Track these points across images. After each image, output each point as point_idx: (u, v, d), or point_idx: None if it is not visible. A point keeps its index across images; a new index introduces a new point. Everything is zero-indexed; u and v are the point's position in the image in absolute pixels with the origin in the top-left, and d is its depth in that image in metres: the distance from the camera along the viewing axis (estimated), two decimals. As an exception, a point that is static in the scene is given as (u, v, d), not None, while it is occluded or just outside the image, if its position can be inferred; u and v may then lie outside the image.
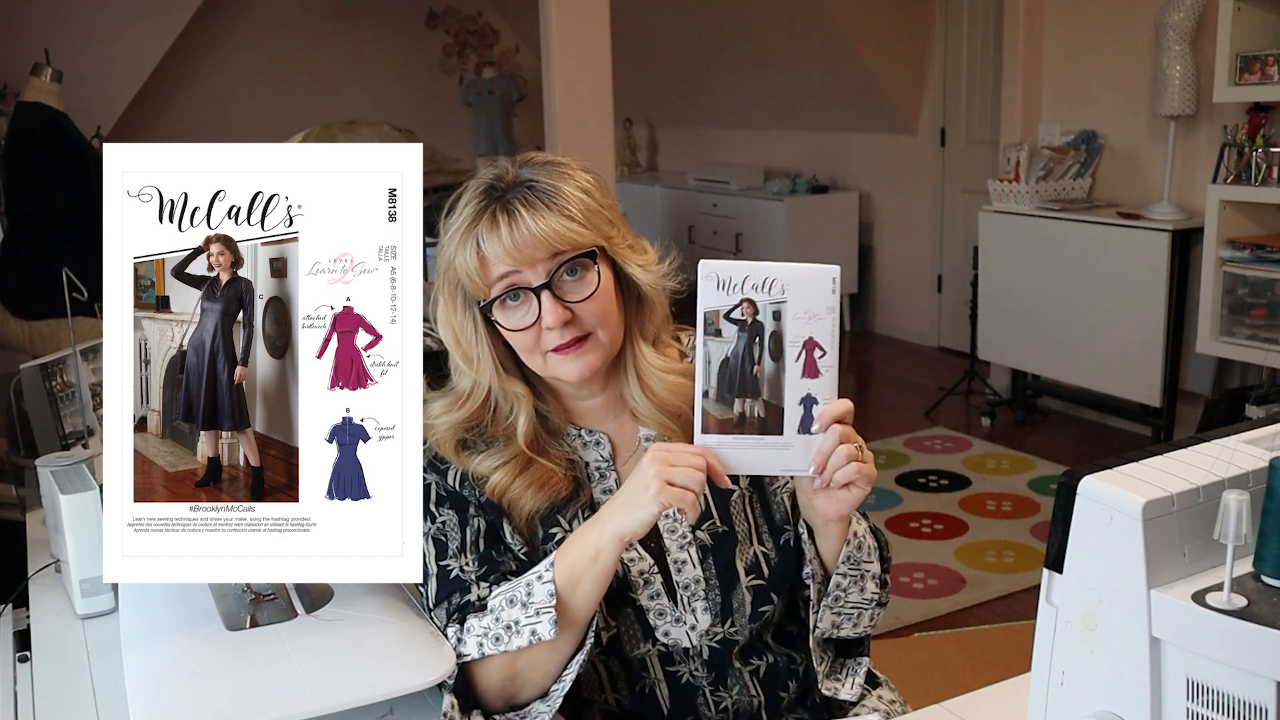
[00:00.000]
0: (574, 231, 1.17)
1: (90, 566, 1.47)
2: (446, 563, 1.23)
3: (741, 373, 1.11)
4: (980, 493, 4.05)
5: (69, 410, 2.06)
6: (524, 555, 1.24)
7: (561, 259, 1.18)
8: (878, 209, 6.43)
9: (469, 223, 1.18)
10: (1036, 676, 1.00)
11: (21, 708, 1.28)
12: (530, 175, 1.20)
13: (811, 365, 1.11)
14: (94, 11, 6.46)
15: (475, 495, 1.24)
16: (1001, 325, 4.81)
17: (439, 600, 1.22)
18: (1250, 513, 0.86)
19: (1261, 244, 3.72)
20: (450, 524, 1.24)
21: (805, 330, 1.11)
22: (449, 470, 1.25)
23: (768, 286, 1.10)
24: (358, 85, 8.12)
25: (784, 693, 1.29)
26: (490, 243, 1.17)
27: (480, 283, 1.18)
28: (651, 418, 1.27)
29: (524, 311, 1.19)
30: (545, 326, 1.18)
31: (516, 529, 1.24)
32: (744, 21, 6.26)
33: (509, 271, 1.17)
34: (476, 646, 1.17)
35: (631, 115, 8.08)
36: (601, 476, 1.28)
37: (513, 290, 1.18)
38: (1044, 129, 4.89)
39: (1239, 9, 3.63)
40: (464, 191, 1.22)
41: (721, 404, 1.11)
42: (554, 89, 4.27)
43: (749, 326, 1.10)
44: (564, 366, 1.21)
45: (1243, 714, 0.85)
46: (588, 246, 1.19)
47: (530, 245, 1.16)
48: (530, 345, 1.20)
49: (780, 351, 1.11)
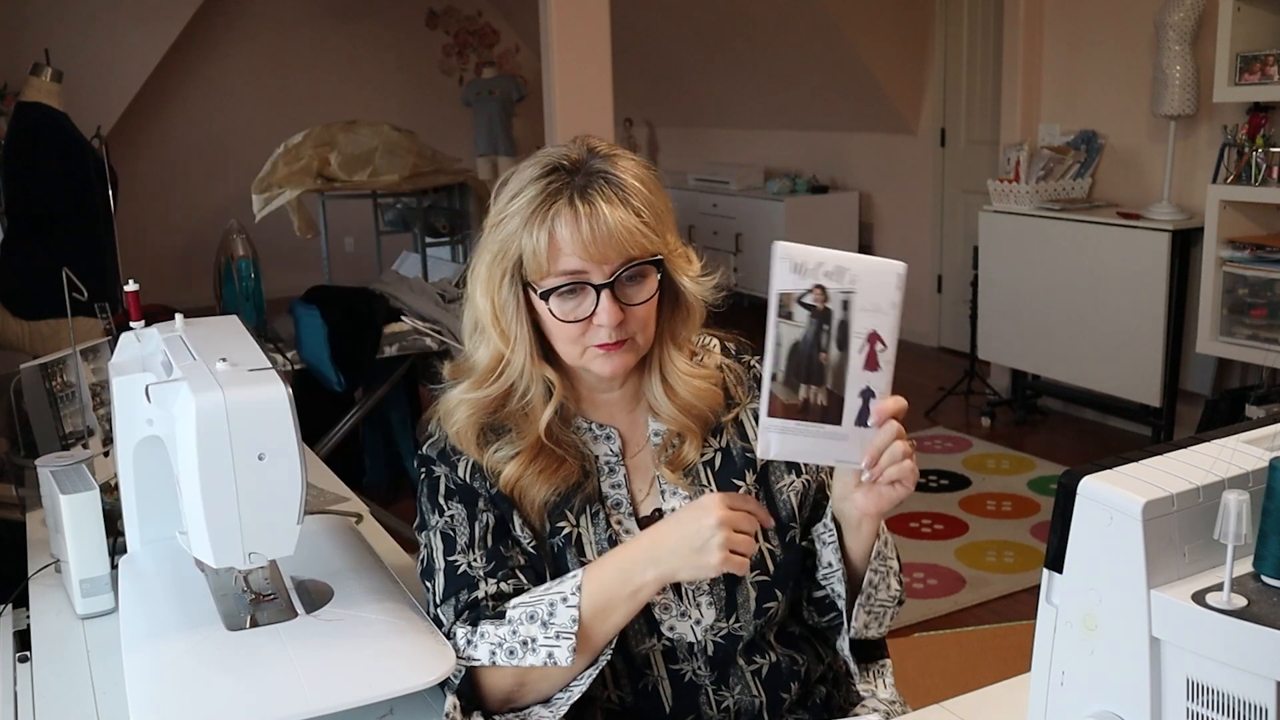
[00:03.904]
0: (646, 236, 1.17)
1: (90, 566, 1.47)
2: (454, 558, 1.22)
3: (810, 359, 1.09)
4: (980, 493, 4.05)
5: (69, 410, 2.06)
6: (532, 548, 1.24)
7: (629, 262, 1.17)
8: (878, 209, 6.43)
9: (541, 201, 1.16)
10: (1036, 676, 1.00)
11: (21, 708, 1.28)
12: (603, 166, 1.18)
13: (873, 358, 1.11)
14: (94, 11, 6.47)
15: (486, 488, 1.24)
16: (1001, 325, 4.81)
17: (446, 596, 1.21)
18: (1250, 513, 0.86)
19: (1261, 244, 3.72)
20: (459, 518, 1.23)
21: (870, 322, 1.10)
22: (460, 462, 1.24)
23: (838, 275, 1.08)
24: (358, 85, 8.12)
25: (785, 694, 1.29)
26: (567, 230, 1.15)
27: (545, 266, 1.17)
28: (671, 416, 1.27)
29: (577, 303, 1.18)
30: (597, 324, 1.18)
31: (526, 520, 1.24)
32: (744, 22, 6.26)
33: (578, 266, 1.16)
34: (489, 655, 1.16)
35: (631, 115, 8.08)
36: (610, 471, 1.28)
37: (574, 283, 1.17)
38: (1044, 129, 4.89)
39: (1239, 9, 3.63)
40: (525, 167, 1.20)
41: (788, 388, 1.10)
42: (554, 89, 4.27)
43: (819, 313, 1.09)
44: (599, 362, 1.21)
45: (1243, 714, 0.85)
46: (655, 254, 1.19)
47: (606, 243, 1.15)
48: (574, 337, 1.20)
49: (846, 341, 1.10)
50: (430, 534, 1.25)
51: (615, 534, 1.25)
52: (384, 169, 6.19)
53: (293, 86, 7.93)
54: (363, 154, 6.16)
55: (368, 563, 1.44)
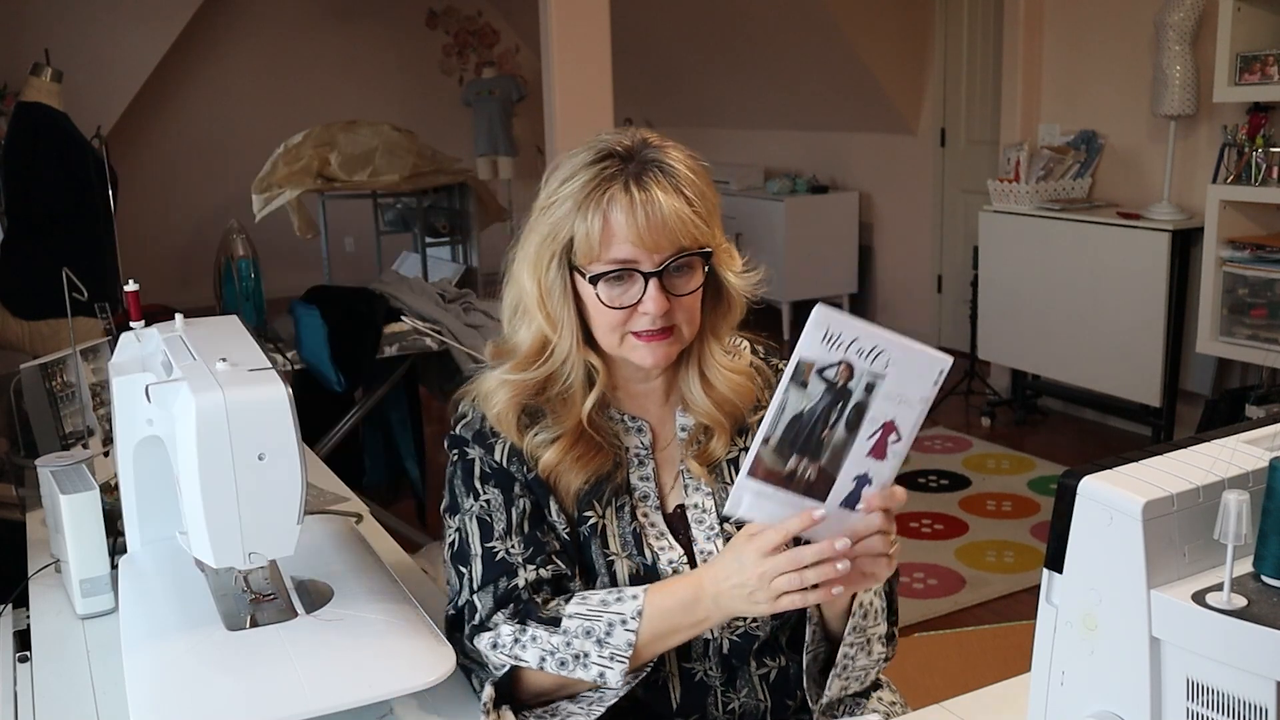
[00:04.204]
0: (697, 227, 1.17)
1: (90, 566, 1.47)
2: (492, 544, 1.20)
3: (811, 432, 1.03)
4: (980, 493, 4.05)
5: (69, 410, 2.06)
6: (566, 534, 1.23)
7: (679, 252, 1.17)
8: (878, 209, 6.43)
9: (596, 186, 1.16)
10: (1036, 676, 1.00)
11: (21, 708, 1.28)
12: (656, 155, 1.19)
13: (881, 447, 1.05)
14: (94, 11, 6.47)
15: (523, 472, 1.23)
16: (1001, 325, 4.81)
17: (485, 583, 1.19)
18: (1250, 513, 0.86)
19: (1261, 244, 3.71)
20: (495, 503, 1.22)
21: (891, 411, 1.03)
22: (496, 444, 1.23)
23: (873, 356, 1.01)
24: (358, 85, 8.12)
25: (790, 700, 1.29)
26: (623, 215, 1.15)
27: (596, 250, 1.16)
28: (704, 411, 1.27)
29: (623, 290, 1.18)
30: (642, 311, 1.18)
31: (561, 507, 1.23)
32: (744, 21, 6.26)
33: (629, 254, 1.16)
34: (538, 660, 1.16)
35: (631, 115, 8.07)
36: (640, 463, 1.28)
37: (624, 269, 1.17)
38: (1044, 129, 4.89)
39: (1239, 9, 3.63)
40: (579, 151, 1.20)
41: (778, 455, 1.04)
42: (554, 89, 4.27)
43: (837, 390, 1.02)
44: (641, 351, 1.20)
45: (1243, 714, 0.85)
46: (706, 246, 1.19)
47: (659, 230, 1.15)
48: (617, 324, 1.19)
49: (857, 423, 1.03)
50: (464, 518, 1.23)
51: (640, 527, 1.24)
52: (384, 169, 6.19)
53: (293, 86, 7.93)
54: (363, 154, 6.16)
55: (368, 563, 1.44)
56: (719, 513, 1.26)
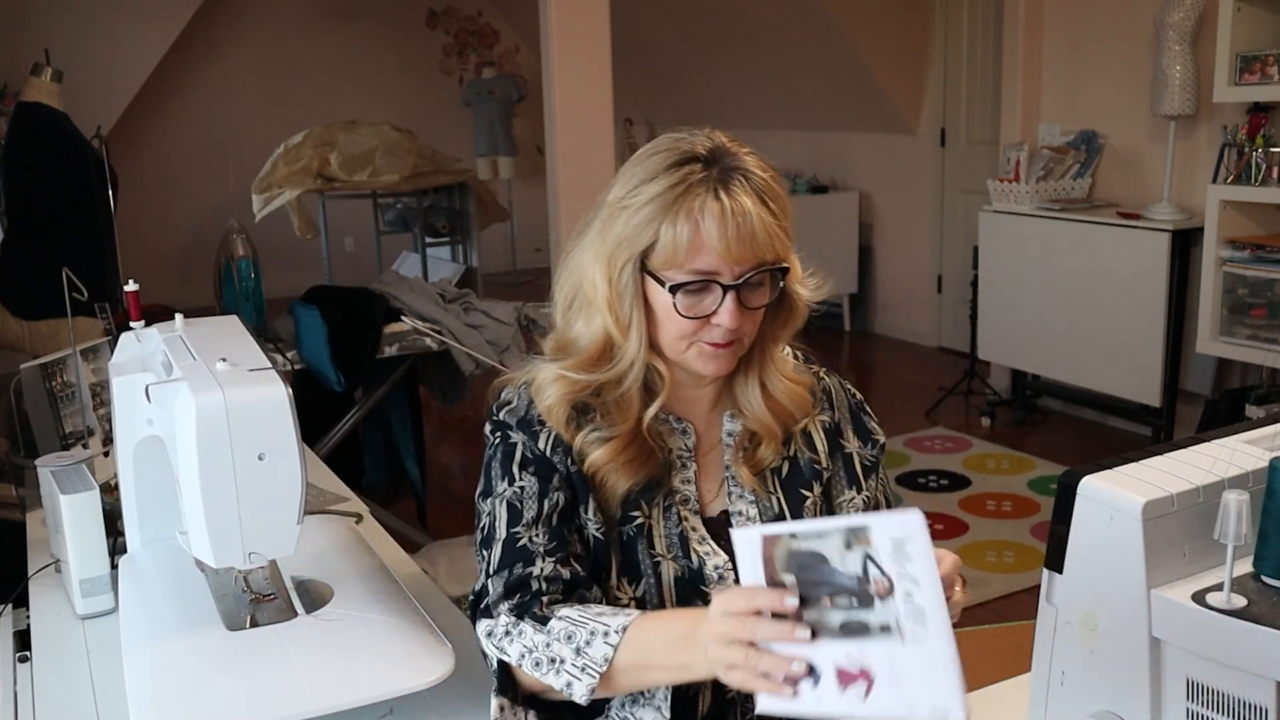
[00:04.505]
0: (780, 241, 1.15)
1: (90, 566, 1.47)
2: (517, 530, 1.17)
3: (816, 585, 0.93)
4: (980, 493, 4.05)
5: (69, 410, 2.06)
6: (599, 534, 1.19)
7: (760, 266, 1.15)
8: (878, 209, 6.43)
9: (681, 189, 1.13)
10: (1036, 676, 1.00)
11: (21, 708, 1.28)
12: (738, 163, 1.16)
13: (853, 682, 0.91)
14: (94, 11, 6.46)
15: (565, 464, 1.19)
16: (1001, 325, 4.81)
17: (500, 567, 1.16)
18: (1250, 513, 0.86)
19: (1261, 244, 3.71)
20: (529, 490, 1.18)
21: (872, 664, 0.91)
22: (541, 433, 1.20)
23: (913, 604, 0.89)
24: (358, 85, 8.12)
25: None
26: (714, 225, 1.12)
27: (681, 258, 1.13)
28: (759, 419, 1.25)
29: (699, 300, 1.15)
30: (716, 323, 1.15)
31: (600, 506, 1.20)
32: (744, 21, 6.26)
33: (713, 265, 1.13)
34: (519, 656, 1.12)
35: (631, 115, 8.08)
36: (683, 466, 1.25)
37: (705, 280, 1.14)
38: (1044, 129, 4.89)
39: (1239, 9, 3.63)
40: (657, 149, 1.17)
41: (787, 558, 0.94)
42: (554, 89, 4.27)
43: (864, 589, 0.91)
44: (703, 360, 1.19)
45: (1243, 714, 0.85)
46: (784, 261, 1.17)
47: (748, 243, 1.12)
48: (687, 332, 1.17)
49: (860, 632, 0.91)
50: (495, 501, 1.20)
51: (684, 530, 1.22)
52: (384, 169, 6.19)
53: (293, 86, 7.93)
54: (363, 154, 6.17)
55: (368, 563, 1.44)
56: (763, 521, 1.24)
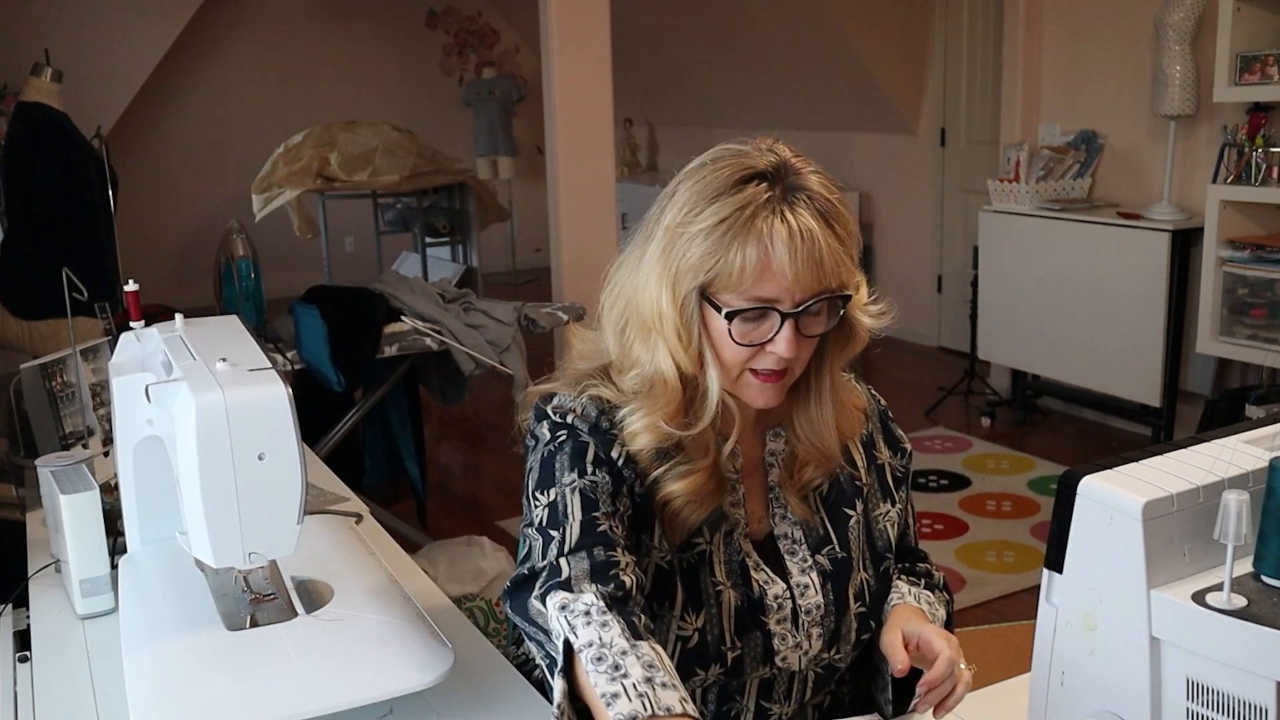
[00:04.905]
0: (845, 267, 1.10)
1: (90, 566, 1.46)
2: (596, 516, 1.10)
3: None
4: (980, 493, 4.05)
5: (69, 410, 2.06)
6: (664, 563, 1.16)
7: (822, 293, 1.09)
8: (878, 209, 6.43)
9: (748, 210, 1.07)
10: (1036, 676, 1.00)
11: (21, 708, 1.28)
12: (803, 183, 1.09)
13: None
14: (94, 11, 6.46)
15: (634, 481, 1.15)
16: (1001, 325, 4.81)
17: (580, 547, 1.07)
18: (1250, 513, 0.86)
19: (1261, 244, 3.71)
20: (603, 487, 1.12)
21: None
22: (615, 445, 1.15)
23: None
24: (358, 85, 8.13)
25: None
26: (783, 250, 1.06)
27: (746, 283, 1.07)
28: (815, 445, 1.21)
29: (756, 327, 1.10)
30: (770, 350, 1.10)
31: (665, 534, 1.16)
32: (744, 21, 6.26)
33: (776, 293, 1.08)
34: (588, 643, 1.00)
35: (631, 115, 8.08)
36: (732, 488, 1.21)
37: (766, 308, 1.09)
38: (1044, 129, 4.89)
39: (1239, 9, 3.63)
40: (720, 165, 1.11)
41: None
42: (554, 89, 4.27)
43: None
44: (753, 390, 1.14)
45: (1243, 714, 0.85)
46: (847, 288, 1.12)
47: (814, 270, 1.07)
48: (741, 360, 1.12)
49: None
50: (564, 491, 1.12)
51: (743, 557, 1.20)
52: (384, 169, 6.19)
53: (293, 86, 7.93)
54: (363, 154, 6.17)
55: (368, 563, 1.44)
56: (809, 543, 1.23)
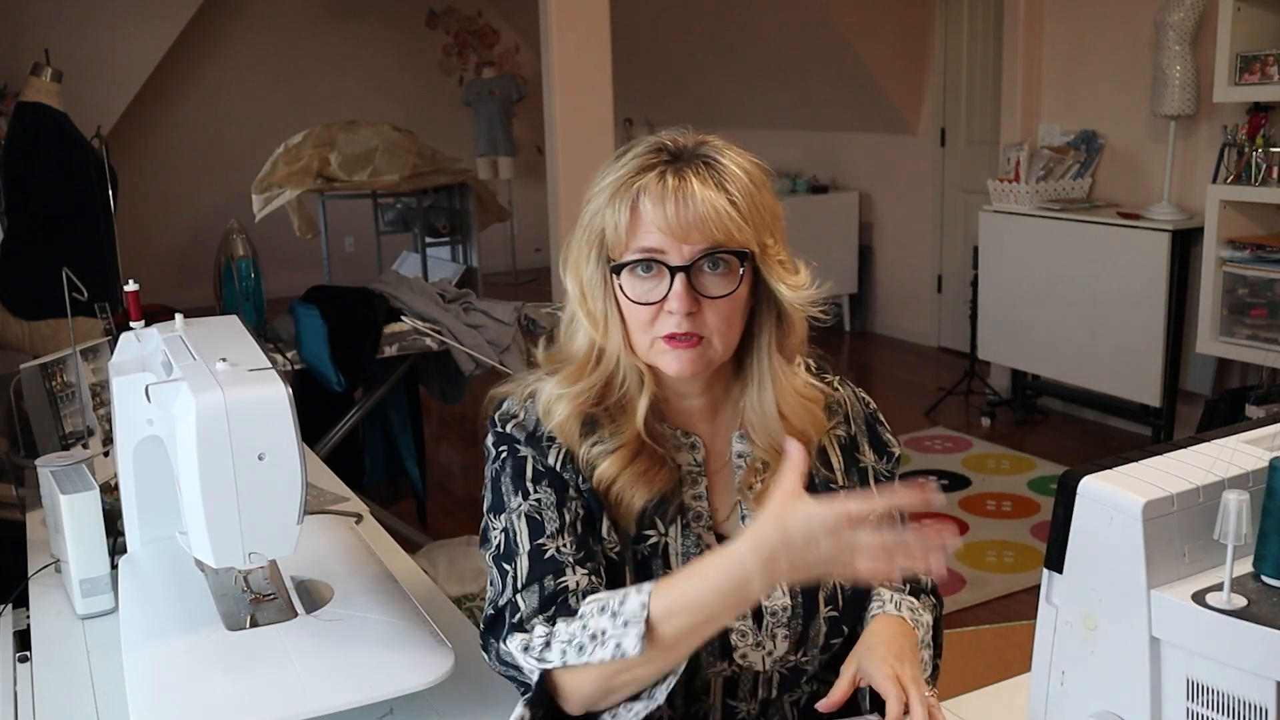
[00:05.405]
0: (734, 223, 1.09)
1: (90, 566, 1.47)
2: (542, 542, 1.12)
3: None
4: (980, 493, 4.05)
5: (69, 410, 2.06)
6: (614, 554, 1.15)
7: (712, 248, 1.10)
8: (878, 209, 6.43)
9: (632, 174, 1.11)
10: (1036, 676, 1.00)
11: (21, 708, 1.28)
12: (709, 152, 1.13)
13: None
14: (94, 11, 6.46)
15: (577, 481, 1.16)
16: (1001, 325, 4.81)
17: (530, 581, 1.10)
18: (1250, 513, 0.86)
19: (1261, 244, 3.71)
20: (547, 503, 1.14)
21: None
22: (551, 448, 1.16)
23: None
24: (358, 85, 8.13)
25: None
26: (652, 203, 1.09)
27: (624, 240, 1.11)
28: (766, 440, 1.20)
29: (651, 286, 1.11)
30: (667, 309, 1.11)
31: (615, 525, 1.16)
32: (744, 22, 6.26)
33: (657, 244, 1.10)
34: (560, 654, 1.06)
35: (631, 115, 8.07)
36: (693, 481, 1.21)
37: (650, 260, 1.11)
38: (1044, 129, 4.89)
39: (1239, 9, 3.63)
40: (633, 145, 1.15)
41: None
42: (554, 89, 4.27)
43: None
44: (666, 358, 1.13)
45: (1243, 714, 0.85)
46: (743, 246, 1.11)
47: (691, 222, 1.08)
48: (645, 322, 1.13)
49: None
50: (511, 516, 1.14)
51: (702, 549, 1.19)
52: (384, 169, 6.19)
53: (293, 86, 7.93)
54: (363, 154, 6.16)
55: (368, 563, 1.44)
56: None
